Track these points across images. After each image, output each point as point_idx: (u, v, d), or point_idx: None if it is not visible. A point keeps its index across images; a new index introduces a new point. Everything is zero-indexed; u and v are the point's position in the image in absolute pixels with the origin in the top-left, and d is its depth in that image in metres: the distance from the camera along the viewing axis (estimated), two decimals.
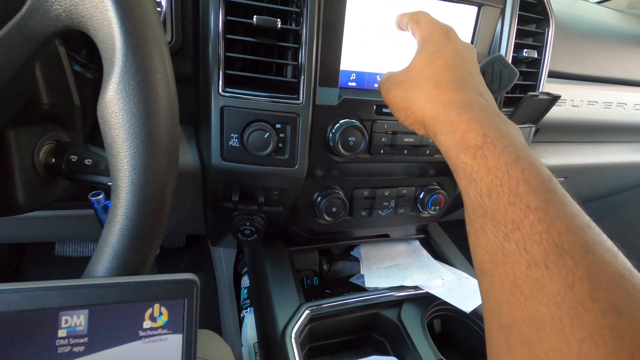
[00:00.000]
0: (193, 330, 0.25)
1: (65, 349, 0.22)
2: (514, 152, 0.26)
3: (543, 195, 0.24)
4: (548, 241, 0.22)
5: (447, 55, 0.35)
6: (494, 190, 0.26)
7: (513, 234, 0.24)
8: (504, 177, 0.25)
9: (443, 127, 0.31)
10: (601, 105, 0.78)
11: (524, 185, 0.25)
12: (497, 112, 0.31)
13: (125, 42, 0.22)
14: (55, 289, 0.22)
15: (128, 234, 0.24)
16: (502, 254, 0.24)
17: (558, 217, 0.23)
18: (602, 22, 0.81)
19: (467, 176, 0.28)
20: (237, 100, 0.44)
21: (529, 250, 0.23)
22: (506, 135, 0.28)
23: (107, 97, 0.23)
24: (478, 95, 0.32)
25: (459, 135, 0.29)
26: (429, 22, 0.38)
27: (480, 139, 0.28)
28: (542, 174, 0.25)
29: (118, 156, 0.24)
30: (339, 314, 0.58)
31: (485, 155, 0.27)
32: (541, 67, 0.60)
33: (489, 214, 0.26)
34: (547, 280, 0.21)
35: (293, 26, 0.45)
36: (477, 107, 0.30)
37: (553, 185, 0.25)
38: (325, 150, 0.50)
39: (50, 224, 0.60)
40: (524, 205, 0.24)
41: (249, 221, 0.55)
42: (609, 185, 1.05)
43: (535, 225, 0.23)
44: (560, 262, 0.21)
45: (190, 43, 0.47)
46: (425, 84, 0.34)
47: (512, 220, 0.24)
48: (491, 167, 0.26)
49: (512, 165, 0.26)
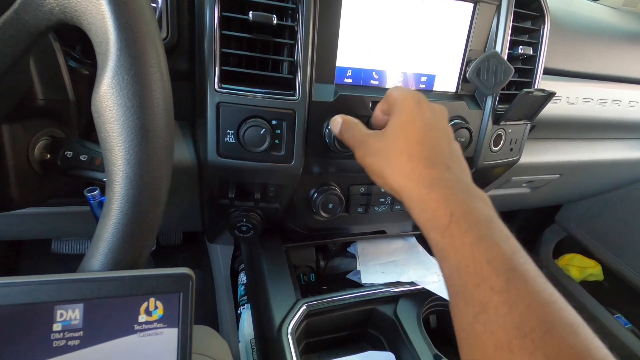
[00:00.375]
0: (188, 324, 0.25)
1: (61, 342, 0.22)
2: (477, 232, 0.27)
3: (505, 276, 0.25)
4: (511, 324, 0.23)
5: (418, 129, 0.36)
6: (462, 270, 0.27)
7: (481, 315, 0.25)
8: (470, 258, 0.27)
9: (415, 204, 0.32)
10: (596, 102, 0.78)
11: (488, 266, 0.26)
12: (465, 186, 0.32)
13: (119, 36, 0.22)
14: (50, 282, 0.22)
15: (123, 228, 0.24)
16: (474, 335, 0.25)
17: (520, 298, 0.24)
18: (597, 19, 0.81)
19: (439, 253, 0.29)
20: (232, 96, 0.44)
21: (495, 333, 0.24)
22: (471, 212, 0.29)
23: (101, 91, 0.23)
24: (447, 170, 0.33)
25: (430, 213, 0.31)
26: (400, 93, 0.39)
27: (447, 219, 0.29)
28: (505, 251, 0.26)
29: (112, 150, 0.24)
30: (335, 309, 0.58)
31: (452, 235, 0.28)
32: (536, 64, 0.60)
33: (459, 294, 0.27)
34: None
35: (289, 22, 0.45)
36: (445, 184, 0.32)
37: (516, 263, 0.26)
38: (322, 146, 0.50)
39: (46, 220, 0.60)
40: (489, 287, 0.25)
41: (246, 217, 0.55)
42: (604, 182, 1.06)
43: (499, 308, 0.24)
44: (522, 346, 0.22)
45: (185, 39, 0.47)
46: (398, 158, 0.35)
47: (479, 301, 0.25)
48: (458, 246, 0.28)
49: (476, 245, 0.27)
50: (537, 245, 1.34)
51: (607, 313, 1.11)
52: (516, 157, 0.65)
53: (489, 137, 0.59)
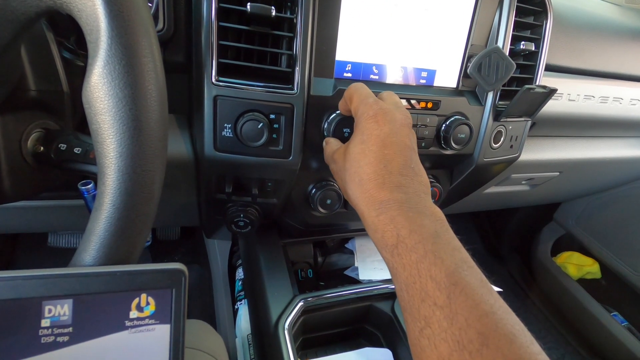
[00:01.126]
0: (181, 321, 0.24)
1: (49, 339, 0.22)
2: (422, 249, 0.29)
3: (447, 291, 0.26)
4: (452, 338, 0.24)
5: (372, 149, 0.36)
6: (410, 287, 0.28)
7: (425, 330, 0.26)
8: (416, 275, 0.28)
9: (368, 225, 0.34)
10: (597, 99, 0.78)
11: (431, 282, 0.27)
12: (412, 205, 0.32)
13: (110, 24, 0.22)
14: (38, 277, 0.21)
15: (115, 222, 0.24)
16: (420, 349, 0.26)
17: (459, 311, 0.25)
18: (600, 16, 0.80)
19: (390, 271, 0.31)
20: (230, 89, 0.44)
21: (437, 347, 0.25)
22: (416, 231, 0.30)
23: (92, 81, 0.22)
24: (397, 189, 0.34)
25: (379, 234, 0.32)
26: (359, 101, 0.39)
27: (394, 239, 0.30)
28: (447, 265, 0.27)
29: (104, 143, 0.23)
30: (332, 306, 0.58)
31: (400, 254, 0.29)
32: (538, 60, 0.60)
33: (407, 309, 0.28)
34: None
35: (288, 14, 0.44)
36: (392, 205, 0.32)
37: (457, 277, 0.27)
38: (320, 141, 0.50)
39: (40, 214, 0.59)
40: (432, 303, 0.26)
41: (243, 213, 0.55)
42: (603, 180, 1.05)
43: (441, 322, 0.25)
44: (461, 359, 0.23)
45: (182, 31, 0.46)
46: (352, 179, 0.37)
47: (424, 316, 0.26)
48: (405, 264, 0.29)
49: (421, 262, 0.28)
50: (535, 243, 1.34)
51: (604, 311, 1.11)
52: (516, 154, 0.65)
53: (489, 134, 0.58)
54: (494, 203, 0.99)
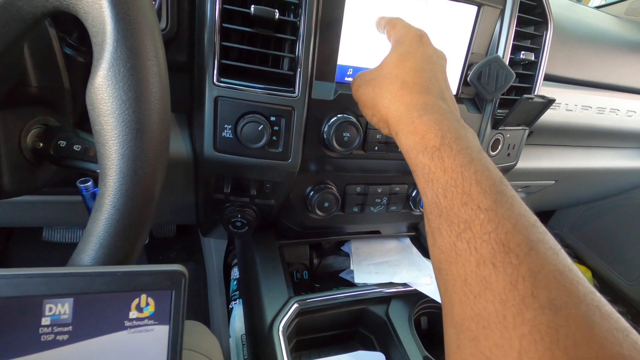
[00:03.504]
0: (180, 322, 0.24)
1: (49, 337, 0.22)
2: (469, 155, 0.28)
3: (493, 197, 0.25)
4: (496, 240, 0.23)
5: (417, 58, 0.36)
6: (449, 191, 0.27)
7: (465, 233, 0.25)
8: (458, 178, 0.27)
9: (404, 127, 0.32)
10: (595, 110, 0.78)
11: (476, 186, 0.26)
12: (456, 117, 0.32)
13: (116, 27, 0.22)
14: (39, 276, 0.21)
15: (115, 224, 0.24)
16: (455, 253, 0.25)
17: (506, 217, 0.24)
18: (599, 27, 0.81)
19: (425, 176, 0.29)
20: (231, 90, 0.44)
21: (478, 250, 0.24)
22: (463, 138, 0.29)
23: (96, 83, 0.23)
24: (440, 99, 0.33)
25: (419, 135, 0.30)
26: (403, 26, 0.40)
27: (438, 140, 0.29)
28: (493, 176, 0.27)
29: (107, 144, 0.23)
30: (327, 308, 0.58)
31: (442, 157, 0.28)
32: (537, 70, 0.60)
33: (444, 214, 0.27)
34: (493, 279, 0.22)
35: (291, 17, 0.44)
36: (438, 110, 0.32)
37: (503, 187, 0.26)
38: (320, 144, 0.50)
39: (37, 209, 0.59)
40: (476, 206, 0.25)
41: (241, 213, 0.55)
42: (598, 190, 1.06)
43: (484, 225, 0.24)
44: (506, 261, 0.22)
45: (185, 30, 0.46)
46: (392, 83, 0.35)
47: (465, 220, 0.25)
48: (447, 168, 0.28)
49: (466, 167, 0.27)
50: None
51: None
52: (513, 162, 0.66)
53: (487, 142, 0.59)
54: None
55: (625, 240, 1.12)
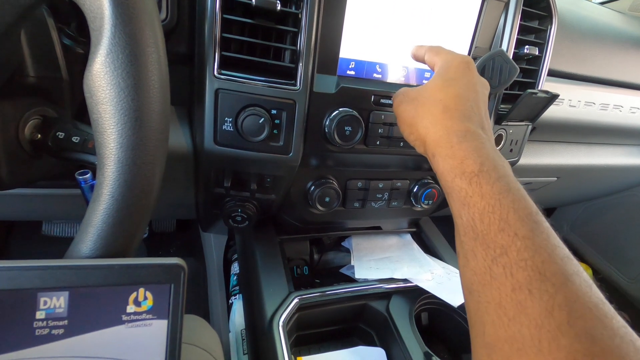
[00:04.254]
0: (179, 317, 0.24)
1: (44, 331, 0.21)
2: (507, 184, 0.28)
3: (530, 225, 0.26)
4: (532, 268, 0.24)
5: (461, 85, 0.37)
6: (485, 216, 0.27)
7: (501, 258, 0.25)
8: (496, 205, 0.27)
9: (443, 150, 0.33)
10: (598, 106, 0.78)
11: (514, 214, 0.26)
12: (493, 147, 0.33)
13: (114, 11, 0.21)
14: (34, 268, 0.21)
15: (113, 214, 0.23)
16: (489, 277, 0.26)
17: (542, 246, 0.25)
18: (603, 23, 0.80)
19: (462, 200, 0.30)
20: (232, 83, 0.43)
21: (514, 275, 0.24)
22: (500, 167, 0.30)
23: (94, 69, 0.22)
24: (480, 128, 0.34)
25: (458, 160, 0.31)
26: (448, 52, 0.41)
27: (477, 167, 0.30)
28: (530, 206, 0.27)
29: (105, 133, 0.23)
30: (327, 303, 0.58)
31: (480, 183, 0.29)
32: (541, 64, 0.59)
33: (479, 238, 0.27)
34: (529, 304, 0.23)
35: (293, 9, 0.44)
36: (478, 138, 0.32)
37: (539, 218, 0.27)
38: (321, 138, 0.49)
39: (36, 202, 0.58)
40: (513, 233, 0.26)
41: (241, 208, 0.55)
42: (600, 187, 1.06)
43: (521, 252, 0.25)
44: (542, 289, 0.23)
45: (185, 21, 0.46)
46: (434, 106, 0.36)
47: (501, 245, 0.26)
48: (485, 194, 0.28)
49: (504, 195, 0.28)
50: None
51: None
52: (516, 158, 0.65)
53: None
54: None
55: (626, 238, 1.11)
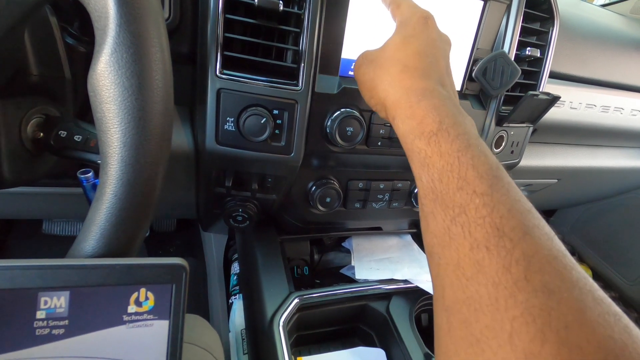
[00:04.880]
0: (180, 317, 0.24)
1: (44, 331, 0.21)
2: (466, 140, 0.27)
3: (489, 181, 0.25)
4: (490, 224, 0.23)
5: (420, 42, 0.36)
6: (444, 175, 0.27)
7: (459, 217, 0.24)
8: (455, 163, 0.26)
9: (402, 111, 0.32)
10: (599, 108, 0.78)
11: (472, 171, 0.26)
12: (455, 104, 0.32)
13: (119, 11, 0.21)
14: (34, 268, 0.21)
15: (116, 213, 0.23)
16: (448, 238, 0.25)
17: (501, 202, 0.24)
18: (605, 25, 0.80)
19: (421, 161, 0.29)
20: (234, 83, 0.43)
21: (472, 233, 0.23)
22: (461, 124, 0.29)
23: (99, 69, 0.22)
24: (440, 85, 0.33)
25: (417, 120, 0.30)
26: (409, 6, 0.39)
27: (435, 126, 0.29)
28: (490, 161, 0.26)
29: (108, 132, 0.23)
30: (328, 304, 0.58)
31: (439, 142, 0.28)
32: (543, 66, 0.59)
33: (439, 199, 0.26)
34: (487, 262, 0.22)
35: (295, 9, 0.44)
36: (437, 95, 0.31)
37: (499, 173, 0.26)
38: (322, 139, 0.49)
39: (37, 200, 0.58)
40: (471, 190, 0.25)
41: (242, 207, 0.54)
42: (600, 189, 1.06)
43: (479, 209, 0.24)
44: (500, 245, 0.22)
45: (188, 21, 0.46)
46: (393, 66, 0.35)
47: (460, 204, 0.25)
48: (444, 153, 0.27)
49: (463, 152, 0.27)
50: None
51: None
52: (517, 159, 0.65)
53: (491, 139, 0.58)
54: None
55: (626, 240, 1.11)
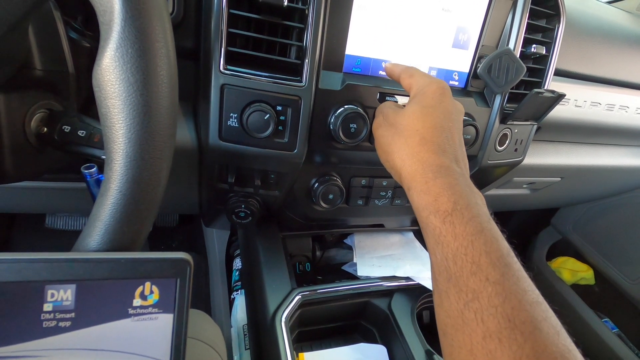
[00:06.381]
0: (185, 311, 0.24)
1: (51, 323, 0.21)
2: (479, 224, 0.28)
3: (501, 270, 0.26)
4: (502, 315, 0.24)
5: (438, 114, 0.36)
6: (458, 258, 0.27)
7: (472, 303, 0.25)
8: (469, 247, 0.27)
9: (418, 185, 0.33)
10: (604, 107, 0.77)
11: (486, 257, 0.26)
12: (467, 182, 0.33)
13: (124, 6, 0.21)
14: (42, 261, 0.21)
15: (121, 209, 0.23)
16: (462, 321, 0.26)
17: (512, 292, 0.25)
18: (611, 22, 0.80)
19: (436, 238, 0.30)
20: (238, 78, 0.43)
21: (485, 322, 0.24)
22: (474, 205, 0.30)
23: (104, 64, 0.22)
24: (455, 162, 0.34)
25: (432, 197, 0.31)
26: (422, 75, 0.40)
27: (450, 205, 0.30)
28: (502, 247, 0.27)
29: (113, 127, 0.23)
30: (329, 300, 0.58)
31: (453, 222, 0.29)
32: (548, 64, 0.59)
33: (452, 280, 0.27)
34: (499, 354, 0.23)
35: (300, 5, 0.44)
36: (452, 174, 0.32)
37: (510, 260, 0.27)
38: (326, 135, 0.49)
39: (40, 195, 0.59)
40: (484, 277, 0.26)
41: (244, 204, 0.55)
42: (603, 188, 1.05)
43: (492, 298, 0.25)
44: (512, 337, 0.23)
45: (192, 16, 0.45)
46: (411, 136, 0.36)
47: (473, 290, 0.26)
48: (458, 234, 0.28)
49: (476, 237, 0.28)
50: (531, 247, 1.35)
51: (595, 317, 1.12)
52: (520, 157, 0.65)
53: (494, 136, 0.58)
54: (493, 205, 0.99)
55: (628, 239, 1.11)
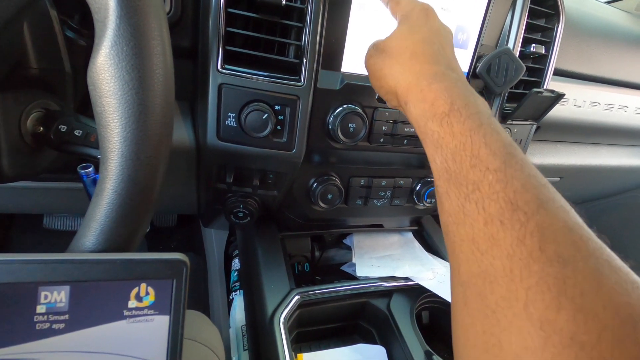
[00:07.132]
0: (181, 312, 0.24)
1: (44, 325, 0.21)
2: (478, 119, 0.28)
3: (502, 158, 0.25)
4: (504, 199, 0.23)
5: (425, 31, 0.37)
6: (457, 155, 0.27)
7: (473, 194, 0.25)
8: (467, 142, 0.27)
9: (414, 95, 0.32)
10: (603, 106, 0.77)
11: (485, 148, 0.26)
12: (465, 85, 0.32)
13: (119, 3, 0.21)
14: (35, 262, 0.21)
15: (116, 209, 0.23)
16: (463, 215, 0.25)
17: (515, 177, 0.24)
18: (610, 22, 0.80)
19: (434, 143, 0.29)
20: (236, 78, 0.43)
21: (486, 209, 0.23)
22: (472, 104, 0.29)
23: (98, 62, 0.22)
24: (449, 69, 0.34)
25: (428, 103, 0.31)
26: (409, 1, 0.40)
27: (447, 107, 0.29)
28: (502, 139, 0.26)
29: (108, 126, 0.22)
30: (328, 301, 0.58)
31: (451, 122, 0.28)
32: (547, 63, 0.59)
33: (452, 178, 0.27)
34: (501, 235, 0.22)
35: (298, 4, 0.43)
36: (448, 78, 0.32)
37: (512, 150, 0.26)
38: (324, 135, 0.49)
39: (37, 195, 0.58)
40: (484, 167, 0.25)
41: (243, 204, 0.54)
42: (602, 188, 1.05)
43: (493, 185, 0.24)
44: (514, 218, 0.22)
45: (189, 15, 0.45)
46: (402, 54, 0.36)
47: (473, 181, 0.25)
48: (456, 133, 0.28)
49: (475, 131, 0.27)
50: None
51: None
52: None
53: None
54: None
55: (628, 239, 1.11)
